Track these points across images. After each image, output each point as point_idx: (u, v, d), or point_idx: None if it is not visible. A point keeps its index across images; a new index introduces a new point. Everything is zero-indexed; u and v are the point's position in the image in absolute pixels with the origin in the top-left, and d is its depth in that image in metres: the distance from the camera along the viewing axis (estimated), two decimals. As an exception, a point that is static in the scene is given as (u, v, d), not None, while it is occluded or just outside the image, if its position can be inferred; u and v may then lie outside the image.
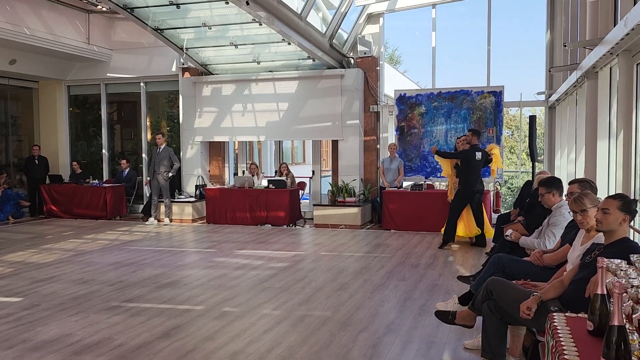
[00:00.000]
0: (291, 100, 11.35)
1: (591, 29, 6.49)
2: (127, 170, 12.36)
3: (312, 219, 10.89)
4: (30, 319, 4.86)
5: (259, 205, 10.68)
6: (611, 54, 5.38)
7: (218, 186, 11.56)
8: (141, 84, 12.88)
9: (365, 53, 11.28)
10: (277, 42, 10.31)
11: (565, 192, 4.59)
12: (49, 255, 7.88)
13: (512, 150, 23.62)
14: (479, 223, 8.38)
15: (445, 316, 3.95)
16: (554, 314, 2.55)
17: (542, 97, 10.85)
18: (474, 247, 8.39)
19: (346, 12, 10.92)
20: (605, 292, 2.19)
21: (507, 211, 7.73)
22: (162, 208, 11.19)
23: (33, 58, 11.87)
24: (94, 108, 13.63)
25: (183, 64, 12.01)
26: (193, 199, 11.54)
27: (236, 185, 11.15)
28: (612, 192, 4.86)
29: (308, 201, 12.33)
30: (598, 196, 3.65)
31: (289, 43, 9.96)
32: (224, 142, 12.37)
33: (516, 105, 11.32)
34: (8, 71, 11.78)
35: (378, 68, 11.50)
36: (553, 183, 4.71)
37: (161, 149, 10.97)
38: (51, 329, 4.59)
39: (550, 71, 10.22)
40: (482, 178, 8.57)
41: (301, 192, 11.55)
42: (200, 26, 9.93)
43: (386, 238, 9.28)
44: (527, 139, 9.95)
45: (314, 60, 10.85)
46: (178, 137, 12.54)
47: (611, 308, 1.89)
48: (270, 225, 10.64)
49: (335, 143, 11.52)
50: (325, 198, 11.75)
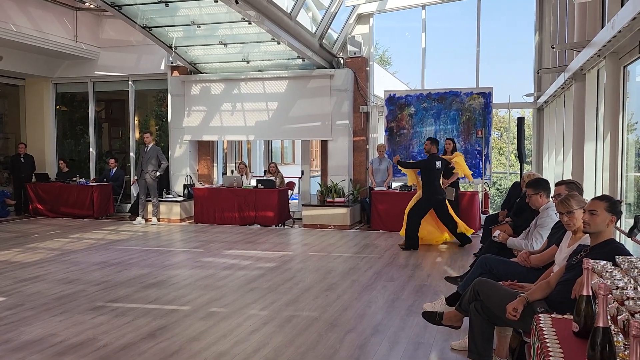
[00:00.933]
0: (281, 100, 11.31)
1: (579, 31, 6.52)
2: (115, 169, 12.25)
3: (301, 219, 10.87)
4: (13, 319, 4.79)
5: (248, 205, 10.64)
6: (598, 56, 5.40)
7: (206, 186, 11.49)
8: (129, 83, 12.78)
9: (355, 53, 11.27)
10: (267, 42, 10.27)
11: (552, 194, 4.60)
12: (34, 254, 7.78)
13: (501, 151, 23.74)
14: (451, 228, 8.43)
15: (432, 317, 3.94)
16: (540, 315, 2.55)
17: (531, 99, 10.91)
18: (462, 248, 8.41)
19: (336, 12, 10.90)
20: (590, 294, 2.19)
21: (496, 212, 7.76)
22: (150, 207, 11.11)
23: (20, 55, 11.73)
24: (82, 106, 13.50)
25: (172, 63, 11.93)
26: (181, 199, 11.47)
27: (225, 184, 11.09)
28: (599, 194, 4.88)
29: (297, 201, 12.31)
30: (584, 197, 3.66)
31: (279, 42, 9.92)
32: (213, 142, 12.30)
33: (505, 106, 11.36)
34: (-6, 68, 11.64)
35: (368, 68, 11.50)
36: (540, 184, 4.72)
37: (149, 148, 10.89)
38: (35, 329, 4.53)
39: (538, 73, 10.27)
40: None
41: (290, 192, 11.52)
42: (189, 25, 9.86)
43: (375, 238, 9.27)
44: (516, 141, 10.00)
45: (304, 60, 10.82)
46: (166, 136, 12.46)
47: (596, 309, 1.89)
48: (258, 225, 10.60)
49: (324, 143, 11.50)
50: (314, 198, 11.73)
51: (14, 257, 7.55)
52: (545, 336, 2.25)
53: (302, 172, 12.16)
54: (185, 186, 11.71)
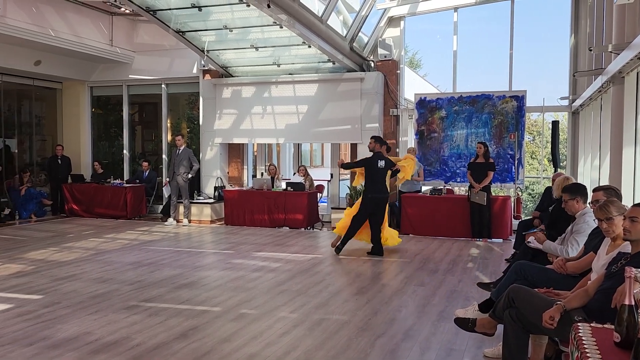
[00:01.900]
0: (311, 103, 11.35)
1: (617, 33, 6.36)
2: (148, 171, 12.48)
3: (330, 222, 10.86)
4: (50, 317, 4.91)
5: (277, 207, 10.69)
6: (638, 59, 5.26)
7: (237, 188, 11.61)
8: (162, 86, 13.00)
9: (385, 56, 11.24)
10: (298, 45, 10.32)
11: (589, 200, 4.49)
12: (70, 253, 7.97)
13: (534, 155, 23.34)
14: (375, 232, 8.06)
15: (465, 323, 3.89)
16: (579, 324, 2.49)
17: (566, 102, 10.69)
18: (493, 253, 8.28)
19: (367, 16, 10.89)
20: (633, 303, 2.13)
21: (529, 217, 7.63)
22: (181, 209, 11.26)
23: (57, 59, 12.05)
24: (116, 109, 13.79)
25: (204, 66, 12.09)
26: (212, 200, 11.60)
27: (254, 187, 11.17)
28: (638, 200, 4.75)
29: (326, 204, 12.30)
30: (624, 204, 3.57)
31: (310, 46, 9.96)
32: (243, 144, 12.41)
33: (538, 110, 11.17)
34: (33, 72, 11.98)
35: (398, 71, 11.45)
36: (578, 190, 4.62)
37: (181, 150, 11.05)
38: (71, 327, 4.63)
39: (574, 76, 10.06)
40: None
41: (319, 195, 11.53)
42: (221, 29, 9.99)
43: (404, 243, 9.19)
44: (550, 145, 9.80)
45: (334, 63, 10.83)
46: (198, 139, 12.62)
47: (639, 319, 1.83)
48: (287, 227, 10.64)
49: (354, 146, 11.49)
50: (343, 201, 11.70)
51: (51, 256, 7.74)
52: (585, 346, 2.20)
53: (332, 175, 12.16)
54: (215, 188, 11.84)
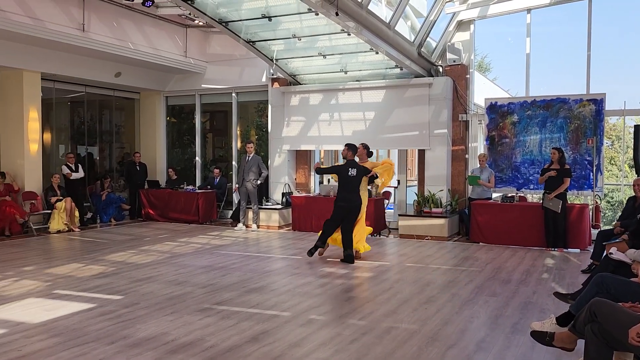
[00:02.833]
0: (378, 109, 11.32)
1: None
2: (219, 177, 12.89)
3: (397, 229, 10.77)
4: (130, 317, 5.15)
5: (344, 214, 10.69)
6: None
7: (304, 194, 11.74)
8: (233, 94, 13.39)
9: (454, 61, 11.03)
10: (365, 52, 10.34)
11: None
12: (147, 256, 8.34)
13: (613, 161, 22.13)
14: (346, 240, 7.92)
15: (542, 337, 3.74)
16: (670, 343, 2.34)
17: (649, 105, 10.08)
18: (570, 264, 7.92)
19: (435, 20, 10.76)
20: None
21: (609, 227, 7.25)
22: (250, 214, 11.52)
23: (136, 71, 12.68)
24: (189, 117, 14.33)
25: (273, 75, 12.35)
26: (279, 206, 11.79)
27: (321, 193, 11.25)
28: None
29: (393, 211, 12.21)
30: None
31: (377, 52, 9.96)
32: (310, 151, 12.55)
33: (619, 114, 10.58)
34: (114, 83, 12.68)
35: (468, 76, 11.21)
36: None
37: (250, 157, 11.32)
38: (149, 327, 4.83)
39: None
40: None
41: (386, 202, 11.46)
42: (290, 37, 10.16)
43: (474, 251, 8.98)
44: (632, 150, 9.27)
45: (402, 69, 10.77)
46: (266, 146, 12.89)
47: None
48: (354, 234, 10.62)
49: (422, 152, 11.35)
50: (410, 208, 11.57)
51: (130, 259, 8.13)
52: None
53: (399, 182, 12.06)
54: (283, 194, 12.03)
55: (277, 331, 4.76)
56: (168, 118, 14.47)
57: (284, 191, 12.09)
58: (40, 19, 9.54)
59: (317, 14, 8.58)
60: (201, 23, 12.31)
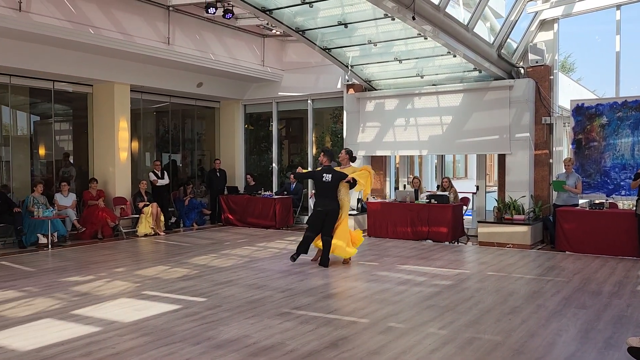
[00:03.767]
0: (455, 113, 11.08)
1: None
2: (295, 183, 13.09)
3: (476, 236, 10.48)
4: (213, 319, 5.33)
5: (421, 220, 10.55)
6: None
7: (379, 200, 11.67)
8: (308, 101, 13.58)
9: (537, 62, 10.61)
10: (442, 55, 10.16)
11: None
12: (227, 260, 8.60)
13: None
14: (324, 243, 7.98)
15: (640, 354, 3.50)
16: None
17: None
18: (669, 276, 7.36)
19: (516, 20, 10.41)
20: None
21: None
22: (326, 220, 11.57)
23: (216, 80, 13.17)
24: (266, 125, 14.67)
25: (348, 81, 12.41)
26: (355, 212, 11.79)
27: (397, 199, 11.15)
28: None
29: (471, 217, 11.89)
30: None
31: (454, 55, 9.76)
32: (386, 157, 12.47)
33: None
34: (196, 93, 13.23)
35: (551, 77, 10.74)
36: None
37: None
38: (231, 330, 4.97)
39: None
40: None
41: (464, 208, 11.18)
42: (365, 43, 10.17)
43: (560, 260, 8.56)
44: None
45: (480, 71, 10.49)
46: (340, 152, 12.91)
47: None
48: (431, 240, 10.45)
49: (502, 157, 10.98)
50: (490, 214, 11.23)
51: (211, 262, 8.41)
52: None
53: (477, 187, 11.73)
54: (359, 200, 12.02)
55: (356, 338, 4.75)
56: (246, 126, 14.88)
57: (359, 197, 12.08)
58: (129, 34, 10.12)
59: (394, 19, 8.55)
60: (278, 32, 12.59)
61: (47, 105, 11.58)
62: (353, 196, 12.20)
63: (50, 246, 9.68)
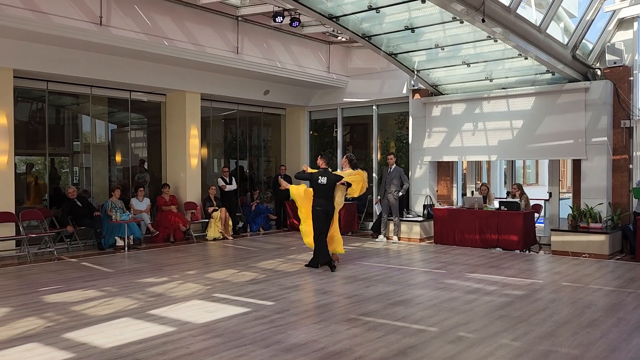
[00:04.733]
0: (526, 117, 10.72)
1: None
2: (359, 188, 13.05)
3: (549, 245, 10.07)
4: (282, 322, 5.40)
5: (490, 227, 10.26)
6: None
7: (446, 206, 11.46)
8: (373, 107, 13.55)
9: (615, 62, 10.10)
10: (512, 58, 9.86)
11: None
12: (294, 265, 8.70)
13: None
14: (320, 243, 8.30)
15: None
16: None
17: None
18: None
19: (592, 20, 9.95)
20: None
21: None
22: (391, 226, 11.50)
23: (282, 88, 13.40)
24: (330, 131, 14.76)
25: (413, 86, 12.29)
26: (421, 219, 11.64)
27: (465, 205, 10.91)
28: None
29: (543, 225, 11.44)
30: None
31: (526, 58, 9.45)
32: (453, 162, 12.23)
33: None
34: (262, 100, 13.51)
35: (631, 78, 10.18)
36: None
37: (392, 169, 11.33)
38: (299, 334, 5.03)
39: None
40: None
41: (536, 215, 10.78)
42: (432, 48, 10.04)
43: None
44: None
45: (553, 74, 10.10)
46: (406, 157, 12.82)
47: None
48: (500, 249, 10.14)
49: (576, 163, 10.51)
50: (564, 222, 10.76)
51: (278, 267, 8.54)
52: None
53: (550, 194, 11.27)
54: (425, 206, 11.86)
55: (425, 346, 4.68)
56: (311, 132, 15.03)
57: (425, 203, 11.92)
58: (201, 45, 10.48)
59: (462, 22, 8.39)
60: (343, 39, 12.66)
61: (124, 114, 12.18)
62: (419, 202, 12.09)
63: (126, 248, 10.15)
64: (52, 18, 8.41)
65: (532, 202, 10.98)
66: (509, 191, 11.52)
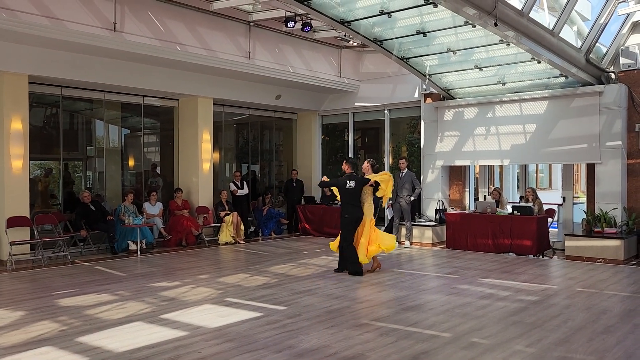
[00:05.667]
0: (539, 121, 10.65)
1: None
2: (371, 193, 13.03)
3: (563, 250, 9.97)
4: (293, 327, 5.39)
5: (502, 232, 10.19)
6: None
7: (459, 211, 11.39)
8: (385, 111, 13.53)
9: (629, 66, 10.01)
10: (525, 62, 9.82)
11: None
12: (305, 269, 8.69)
13: None
14: (350, 252, 8.14)
15: None
16: None
17: None
18: None
19: (606, 23, 9.88)
20: None
21: None
22: (403, 231, 11.46)
23: (294, 92, 13.43)
24: (342, 135, 14.76)
25: (425, 90, 12.26)
26: (433, 223, 11.58)
27: (477, 210, 10.84)
28: None
29: (557, 230, 11.34)
30: None
31: (539, 61, 9.41)
32: (465, 167, 12.17)
33: None
34: (274, 105, 13.54)
35: (646, 82, 10.09)
36: None
37: (404, 174, 11.30)
38: (311, 339, 5.02)
39: None
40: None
41: (550, 220, 10.68)
42: (444, 52, 10.02)
43: (659, 277, 7.98)
44: None
45: (567, 77, 10.03)
46: (417, 162, 12.78)
47: None
48: (514, 254, 10.06)
49: (590, 167, 10.41)
50: (578, 227, 10.65)
51: (290, 271, 8.54)
52: None
53: (564, 199, 11.17)
54: (437, 211, 11.80)
55: (438, 352, 4.65)
56: (323, 136, 15.03)
57: (438, 207, 11.86)
58: (213, 50, 10.54)
59: (474, 26, 8.36)
60: (355, 43, 12.66)
61: (137, 119, 12.27)
62: (431, 206, 12.04)
63: (139, 252, 10.21)
64: (67, 24, 8.51)
65: (546, 207, 10.87)
66: (522, 195, 11.43)
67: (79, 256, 10.01)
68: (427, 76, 11.08)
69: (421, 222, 11.70)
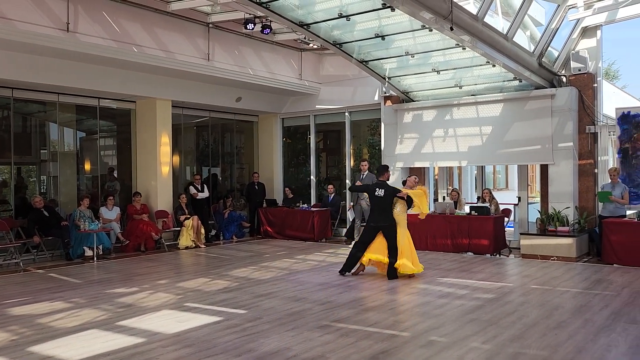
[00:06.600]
0: (495, 123, 10.92)
1: None
2: (333, 195, 13.10)
3: (519, 249, 10.24)
4: (253, 331, 5.36)
5: (461, 232, 10.39)
6: None
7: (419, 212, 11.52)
8: (346, 114, 13.61)
9: (579, 70, 10.37)
10: (481, 65, 10.05)
11: None
12: (267, 272, 8.65)
13: None
14: (391, 254, 7.96)
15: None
16: None
17: None
18: None
19: (557, 28, 10.22)
20: None
21: None
22: (365, 232, 11.52)
23: (255, 95, 13.36)
24: (303, 138, 14.77)
25: (385, 93, 12.39)
26: (394, 224, 11.67)
27: (437, 211, 11.01)
28: None
29: (513, 229, 11.64)
30: None
31: (494, 65, 9.64)
32: (424, 168, 12.35)
33: None
34: (234, 107, 13.44)
35: (595, 85, 10.47)
36: None
37: (365, 175, 11.39)
38: (272, 342, 4.99)
39: None
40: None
41: (506, 220, 10.95)
42: (402, 55, 10.15)
43: (608, 273, 8.28)
44: None
45: (521, 81, 10.32)
46: (379, 163, 12.87)
47: None
48: (472, 253, 10.27)
49: (544, 168, 10.73)
50: (533, 226, 10.96)
51: (251, 274, 8.48)
52: None
53: (519, 199, 11.47)
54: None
55: (397, 351, 4.70)
56: (284, 139, 15.01)
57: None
58: (171, 51, 10.39)
59: (431, 30, 8.51)
60: (315, 46, 12.70)
61: (93, 121, 11.98)
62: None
63: (95, 258, 9.96)
64: (17, 24, 8.23)
65: (502, 207, 11.15)
66: (480, 196, 11.69)
67: (32, 263, 9.69)
68: (387, 79, 11.20)
69: (382, 224, 11.78)
